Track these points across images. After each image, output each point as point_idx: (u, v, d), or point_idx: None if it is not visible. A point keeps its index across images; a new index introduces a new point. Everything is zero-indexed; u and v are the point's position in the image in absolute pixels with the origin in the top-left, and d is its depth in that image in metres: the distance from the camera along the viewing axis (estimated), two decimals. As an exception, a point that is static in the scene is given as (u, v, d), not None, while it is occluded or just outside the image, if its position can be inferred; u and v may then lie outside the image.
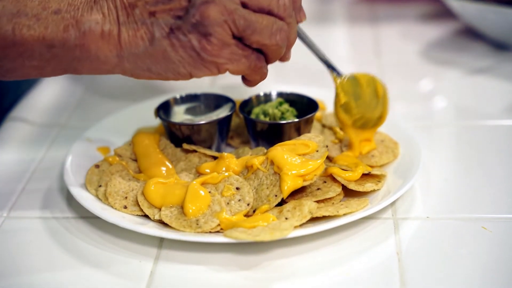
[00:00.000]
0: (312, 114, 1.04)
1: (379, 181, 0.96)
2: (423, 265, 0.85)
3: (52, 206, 0.98)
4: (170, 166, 1.00)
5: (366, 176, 0.96)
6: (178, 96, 1.10)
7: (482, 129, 1.16)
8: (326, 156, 0.93)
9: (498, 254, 0.87)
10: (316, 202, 0.91)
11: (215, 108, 1.09)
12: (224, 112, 1.07)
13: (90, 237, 0.92)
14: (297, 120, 1.03)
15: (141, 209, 0.93)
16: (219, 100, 1.10)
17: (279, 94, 1.10)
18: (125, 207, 0.94)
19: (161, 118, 1.05)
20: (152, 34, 0.86)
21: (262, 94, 1.10)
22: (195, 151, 1.02)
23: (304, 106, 1.07)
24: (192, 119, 1.08)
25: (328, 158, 1.01)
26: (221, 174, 0.94)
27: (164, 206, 0.91)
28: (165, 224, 0.90)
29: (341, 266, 0.85)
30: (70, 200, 0.98)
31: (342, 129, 1.06)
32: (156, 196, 0.93)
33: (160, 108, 1.07)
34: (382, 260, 0.86)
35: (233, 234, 0.85)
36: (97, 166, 1.01)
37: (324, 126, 1.11)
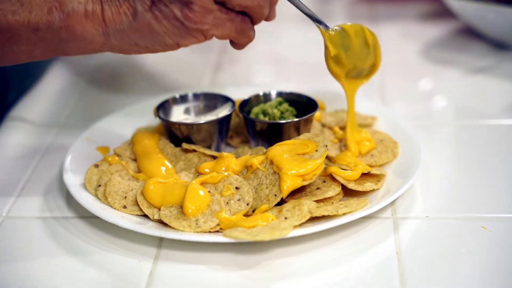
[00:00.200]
0: (312, 113, 1.04)
1: (379, 181, 0.96)
2: (423, 264, 0.85)
3: (51, 205, 0.98)
4: (169, 165, 1.00)
5: (365, 175, 0.96)
6: (178, 96, 1.10)
7: (481, 129, 1.16)
8: (325, 156, 0.93)
9: (498, 253, 0.87)
10: (316, 201, 0.91)
11: (215, 107, 1.09)
12: (223, 111, 1.07)
13: (89, 237, 0.92)
14: (296, 119, 1.03)
15: (140, 209, 0.93)
16: (219, 100, 1.10)
17: (279, 94, 1.10)
18: (125, 207, 0.94)
19: (160, 117, 1.05)
20: (134, 9, 0.87)
21: (261, 93, 1.10)
22: (195, 151, 1.02)
23: (303, 106, 1.07)
24: (192, 118, 1.08)
25: (328, 158, 1.01)
26: (220, 173, 0.94)
27: (164, 206, 0.91)
28: (164, 223, 0.90)
29: (340, 265, 0.85)
30: (70, 199, 0.98)
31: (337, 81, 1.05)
32: (156, 196, 0.92)
33: (159, 107, 1.07)
34: (382, 259, 0.86)
35: (232, 233, 0.85)
36: (97, 165, 1.01)
37: (324, 126, 1.11)
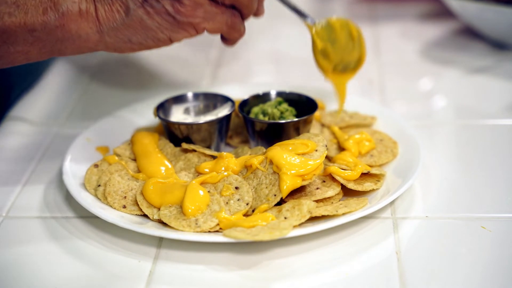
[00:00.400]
0: (311, 113, 1.04)
1: (378, 181, 0.96)
2: (423, 264, 0.85)
3: (51, 205, 0.98)
4: (169, 165, 1.00)
5: (365, 175, 0.96)
6: (178, 96, 1.10)
7: (481, 128, 1.16)
8: (325, 156, 0.93)
9: (498, 253, 0.87)
10: (315, 201, 0.91)
11: (215, 107, 1.09)
12: (223, 111, 1.07)
13: (89, 236, 0.92)
14: (296, 119, 1.02)
15: (140, 209, 0.93)
16: (219, 100, 1.10)
17: (278, 94, 1.10)
18: (124, 207, 0.94)
19: (160, 117, 1.05)
20: (127, 6, 0.90)
21: (261, 93, 1.10)
22: (194, 151, 1.02)
23: (303, 106, 1.07)
24: (191, 118, 1.08)
25: (327, 158, 1.01)
26: (220, 173, 0.94)
27: (163, 206, 0.91)
28: (164, 223, 0.90)
29: (340, 265, 0.85)
30: (69, 199, 0.98)
31: (324, 76, 1.08)
32: (155, 196, 0.93)
33: (159, 107, 1.07)
34: (382, 259, 0.86)
35: (232, 233, 0.85)
36: (96, 165, 1.01)
37: (323, 126, 1.11)
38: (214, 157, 1.00)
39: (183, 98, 1.10)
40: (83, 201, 0.94)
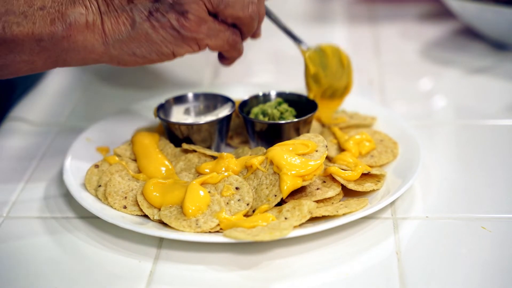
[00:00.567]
0: (311, 114, 1.04)
1: (379, 181, 0.96)
2: (423, 264, 0.85)
3: (51, 206, 0.98)
4: (169, 166, 1.00)
5: (365, 176, 0.96)
6: (178, 96, 1.10)
7: (481, 129, 1.16)
8: (325, 156, 0.93)
9: (498, 254, 0.87)
10: (316, 202, 0.91)
11: (215, 108, 1.09)
12: (223, 112, 1.07)
13: (89, 237, 0.92)
14: (296, 120, 1.03)
15: (140, 209, 0.93)
16: (219, 100, 1.10)
17: (278, 94, 1.10)
18: (125, 207, 0.94)
19: (160, 118, 1.05)
20: (133, 19, 0.91)
21: (261, 94, 1.10)
22: (195, 151, 1.02)
23: (303, 106, 1.07)
24: (192, 119, 1.08)
25: (328, 158, 1.01)
26: (220, 174, 0.94)
27: (164, 206, 0.91)
28: (164, 224, 0.90)
29: (340, 265, 0.85)
30: (70, 200, 0.98)
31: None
32: (156, 196, 0.93)
33: (159, 108, 1.07)
34: (382, 259, 0.86)
35: (232, 234, 0.85)
36: (97, 166, 1.01)
37: (323, 126, 1.11)
38: (214, 158, 1.00)
39: (183, 99, 1.10)
40: (83, 201, 0.94)
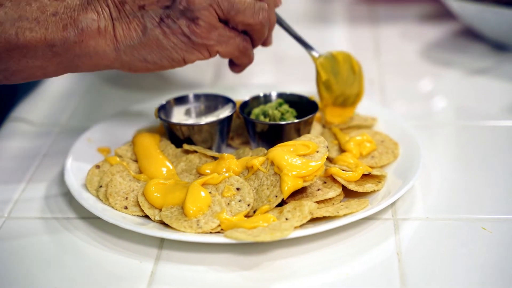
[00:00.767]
0: (312, 115, 1.04)
1: (379, 182, 0.96)
2: (423, 265, 0.85)
3: (52, 206, 0.98)
4: (170, 166, 1.00)
5: (366, 176, 0.96)
6: (179, 97, 1.10)
7: (481, 129, 1.16)
8: (326, 157, 0.93)
9: (498, 254, 0.87)
10: (316, 202, 0.91)
11: (216, 108, 1.09)
12: (224, 112, 1.07)
13: (90, 237, 0.92)
14: (297, 121, 1.03)
15: (141, 210, 0.93)
16: (220, 101, 1.10)
17: (279, 95, 1.10)
18: (126, 208, 0.94)
19: (161, 118, 1.05)
20: (144, 25, 0.92)
21: (262, 95, 1.10)
22: (196, 152, 1.02)
23: (304, 107, 1.07)
24: (193, 119, 1.09)
25: (328, 159, 1.01)
26: (221, 174, 0.94)
27: (165, 207, 0.92)
28: (165, 224, 0.90)
29: (341, 266, 0.85)
30: (71, 200, 0.98)
31: (322, 109, 1.11)
32: (157, 197, 0.93)
33: (160, 108, 1.07)
34: (382, 260, 0.86)
35: (233, 234, 0.85)
36: (98, 166, 1.01)
37: (324, 127, 1.11)
38: (215, 158, 1.00)
39: (184, 99, 1.10)
40: (84, 202, 0.94)
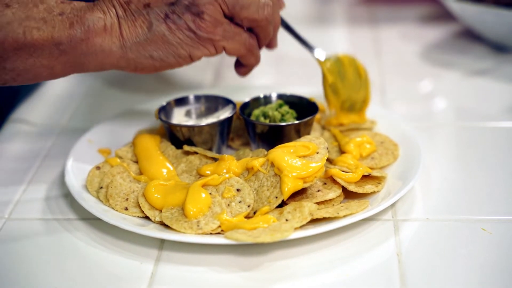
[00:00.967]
0: (312, 116, 1.04)
1: (379, 183, 0.96)
2: (423, 266, 0.85)
3: (53, 207, 0.99)
4: (171, 167, 1.01)
5: (366, 177, 0.97)
6: (179, 98, 1.10)
7: (481, 130, 1.17)
8: (326, 158, 0.93)
9: (498, 255, 0.87)
10: (317, 203, 0.91)
11: (216, 110, 1.10)
12: (224, 114, 1.07)
13: (91, 238, 0.92)
14: (297, 122, 1.03)
15: (142, 211, 0.93)
16: (220, 102, 1.10)
17: (279, 96, 1.10)
18: (126, 209, 0.94)
19: (162, 120, 1.06)
20: (149, 22, 0.93)
21: (262, 96, 1.10)
22: (196, 153, 1.02)
23: (304, 108, 1.07)
24: (193, 121, 1.09)
25: (328, 160, 1.01)
26: (221, 175, 0.94)
27: (165, 208, 0.92)
28: (166, 225, 0.90)
29: (341, 267, 0.86)
30: (71, 201, 0.99)
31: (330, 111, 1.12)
32: (157, 198, 0.93)
33: (161, 110, 1.07)
34: (382, 261, 0.86)
35: (233, 235, 0.85)
36: (98, 167, 1.01)
37: (324, 128, 1.12)
38: (215, 159, 1.00)
39: (184, 101, 1.10)
40: (85, 203, 0.94)
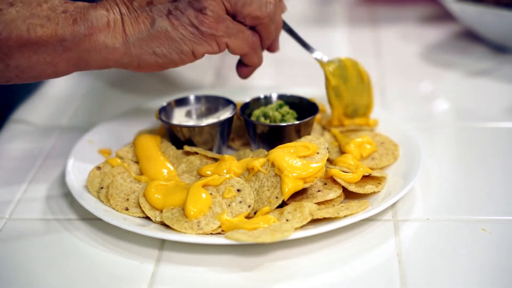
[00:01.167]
0: (312, 116, 1.04)
1: (380, 183, 0.96)
2: (424, 266, 0.85)
3: (53, 208, 0.99)
4: (171, 168, 1.01)
5: (366, 178, 0.97)
6: (180, 98, 1.11)
7: (482, 131, 1.17)
8: (326, 158, 0.93)
9: (498, 255, 0.87)
10: (317, 204, 0.91)
11: (216, 110, 1.10)
12: (225, 114, 1.07)
13: (91, 238, 0.92)
14: (297, 122, 1.03)
15: (142, 211, 0.93)
16: (220, 103, 1.10)
17: (280, 97, 1.10)
18: (127, 209, 0.94)
19: (162, 120, 1.06)
20: (152, 18, 0.94)
21: (262, 96, 1.10)
22: (196, 153, 1.03)
23: (304, 109, 1.07)
24: (193, 121, 1.09)
25: (329, 160, 1.01)
26: (222, 176, 0.94)
27: (166, 208, 0.92)
28: (166, 226, 0.90)
29: (341, 267, 0.86)
30: (72, 202, 0.99)
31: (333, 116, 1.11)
32: (158, 198, 0.93)
33: (161, 110, 1.08)
34: (383, 261, 0.86)
35: (234, 235, 0.85)
36: (99, 168, 1.01)
37: (324, 128, 1.12)
38: (216, 160, 1.00)
39: (185, 101, 1.11)
40: (85, 203, 0.94)
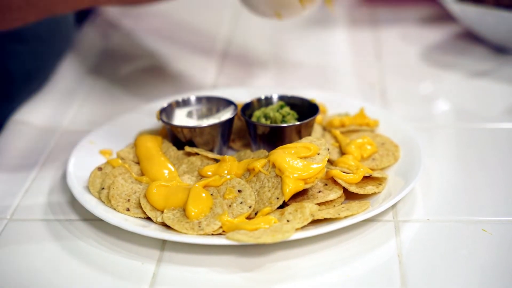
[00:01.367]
0: (313, 117, 1.04)
1: (380, 184, 0.97)
2: (424, 267, 0.85)
3: (54, 208, 0.99)
4: (172, 168, 1.01)
5: (367, 178, 0.97)
6: (180, 99, 1.11)
7: (482, 132, 1.17)
8: (327, 159, 0.93)
9: (498, 256, 0.87)
10: (318, 204, 0.91)
11: (217, 111, 1.10)
12: (226, 115, 1.08)
13: (92, 239, 0.92)
14: (298, 123, 1.03)
15: (143, 212, 0.93)
16: (221, 103, 1.10)
17: (280, 97, 1.10)
18: (128, 210, 0.94)
19: (163, 121, 1.06)
20: None
21: (263, 97, 1.10)
22: (197, 154, 1.03)
23: (305, 109, 1.08)
24: (194, 122, 1.09)
25: (329, 161, 1.01)
26: (223, 177, 0.94)
27: (167, 209, 0.92)
28: (167, 226, 0.90)
29: (342, 268, 0.86)
30: (73, 202, 0.99)
31: None
32: (159, 199, 0.93)
33: (162, 111, 1.08)
34: (383, 262, 0.87)
35: (235, 236, 0.85)
36: (100, 168, 1.01)
37: (325, 129, 1.12)
38: (217, 161, 1.00)
39: (186, 102, 1.11)
40: (86, 204, 0.94)
